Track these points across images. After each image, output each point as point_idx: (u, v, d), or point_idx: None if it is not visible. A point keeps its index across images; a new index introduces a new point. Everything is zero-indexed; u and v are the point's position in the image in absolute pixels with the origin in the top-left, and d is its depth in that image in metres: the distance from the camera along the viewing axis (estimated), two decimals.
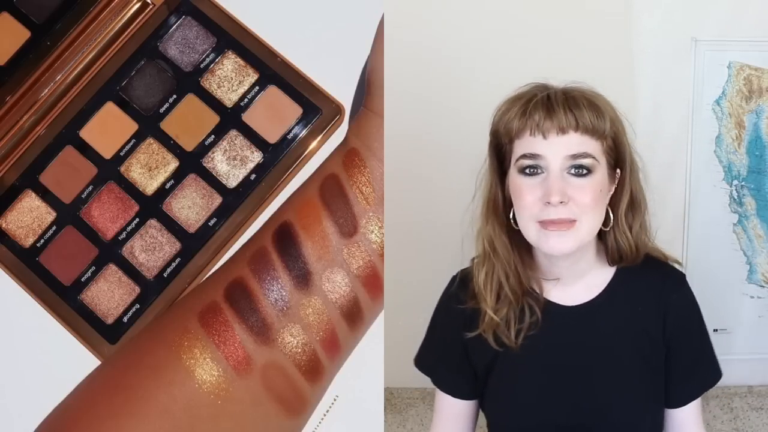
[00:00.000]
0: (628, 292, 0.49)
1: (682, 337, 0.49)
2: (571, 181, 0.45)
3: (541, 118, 0.45)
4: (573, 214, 0.45)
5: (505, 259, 0.48)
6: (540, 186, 0.45)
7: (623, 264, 0.49)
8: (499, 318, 0.48)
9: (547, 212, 0.45)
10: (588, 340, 0.49)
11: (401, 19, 0.58)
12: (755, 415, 0.70)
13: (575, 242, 0.46)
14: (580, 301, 0.49)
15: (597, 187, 0.46)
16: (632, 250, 0.48)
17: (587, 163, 0.45)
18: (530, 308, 0.48)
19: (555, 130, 0.45)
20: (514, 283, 0.48)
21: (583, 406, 0.48)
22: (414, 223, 0.66)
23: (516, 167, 0.46)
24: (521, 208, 0.46)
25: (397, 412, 0.71)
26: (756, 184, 0.67)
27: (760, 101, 0.66)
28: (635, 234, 0.48)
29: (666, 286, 0.49)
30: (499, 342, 0.48)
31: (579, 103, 0.46)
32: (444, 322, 0.52)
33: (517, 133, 0.46)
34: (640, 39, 0.64)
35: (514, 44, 0.64)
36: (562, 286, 0.49)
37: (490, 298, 0.48)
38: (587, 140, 0.45)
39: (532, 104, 0.46)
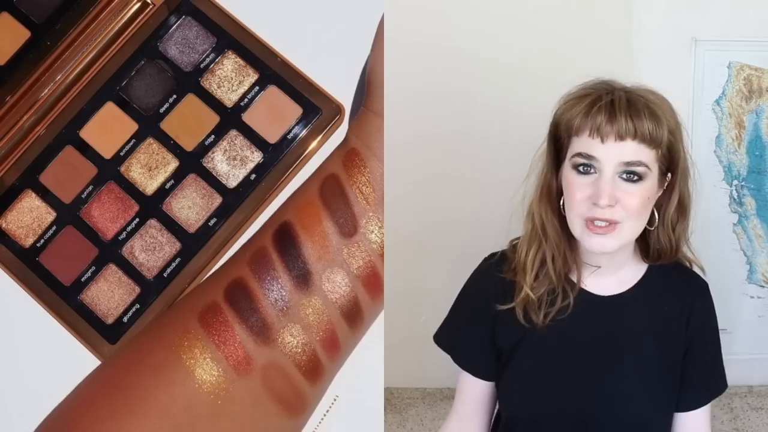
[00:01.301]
0: (658, 290, 0.50)
1: (700, 343, 0.51)
2: (621, 185, 0.46)
3: (602, 122, 0.46)
4: (618, 216, 0.46)
5: (555, 243, 0.49)
6: (591, 186, 0.47)
7: (660, 262, 0.50)
8: (535, 296, 0.49)
9: (593, 211, 0.46)
10: (615, 330, 0.50)
11: (401, 19, 0.58)
12: (755, 415, 0.70)
13: (617, 243, 0.47)
14: (611, 293, 0.50)
15: (646, 194, 0.47)
16: (672, 250, 0.50)
17: (640, 170, 0.46)
18: (564, 293, 0.49)
19: (613, 136, 0.46)
20: (559, 265, 0.49)
21: (601, 396, 0.49)
22: (414, 223, 0.66)
23: (570, 163, 0.47)
24: (570, 203, 0.48)
25: (397, 412, 0.71)
26: (756, 184, 0.67)
27: (760, 101, 0.66)
28: (678, 236, 0.50)
29: (691, 291, 0.51)
30: (527, 319, 0.49)
31: (640, 112, 0.46)
32: (477, 291, 0.52)
33: (577, 130, 0.47)
34: (640, 39, 0.64)
35: (515, 44, 0.64)
36: (597, 276, 0.50)
37: (531, 275, 0.49)
38: (643, 149, 0.46)
39: (596, 107, 0.46)
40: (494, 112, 0.65)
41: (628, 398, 0.49)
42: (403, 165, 0.56)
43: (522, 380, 0.51)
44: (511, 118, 0.64)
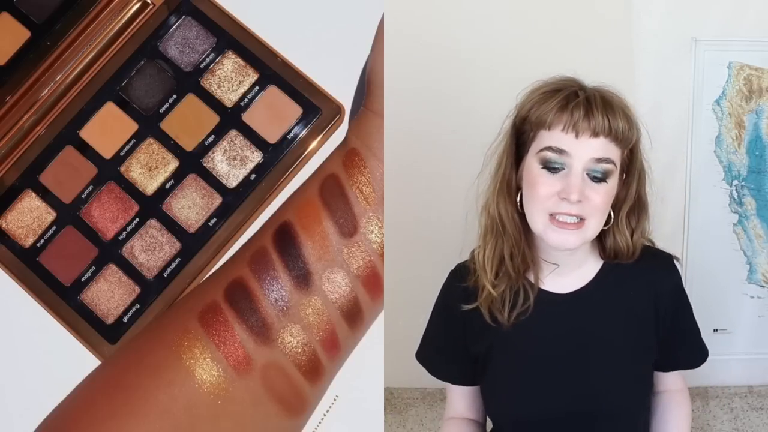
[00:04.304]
0: (618, 278, 0.50)
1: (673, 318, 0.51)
2: (588, 183, 0.46)
3: (579, 118, 0.46)
4: (584, 212, 0.46)
5: (514, 238, 0.49)
6: (559, 181, 0.46)
7: (617, 261, 0.50)
8: (496, 293, 0.49)
9: (560, 206, 0.46)
10: (579, 327, 0.50)
11: (401, 19, 0.58)
12: (755, 415, 0.70)
13: (580, 240, 0.47)
14: (570, 289, 0.50)
15: (610, 191, 0.47)
16: (629, 251, 0.50)
17: (608, 168, 0.47)
18: (525, 293, 0.49)
19: (589, 132, 0.46)
20: (518, 262, 0.49)
21: (580, 393, 0.49)
22: (414, 223, 0.66)
23: (537, 158, 0.47)
24: (533, 198, 0.47)
25: (397, 412, 0.71)
26: (756, 184, 0.67)
27: (760, 101, 0.66)
28: (635, 238, 0.50)
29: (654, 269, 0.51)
30: (492, 317, 0.49)
31: (615, 111, 0.47)
32: (444, 303, 0.52)
33: (548, 125, 0.47)
34: (640, 39, 0.64)
35: (515, 44, 0.64)
36: (556, 275, 0.50)
37: (491, 272, 0.49)
38: (613, 147, 0.47)
39: (574, 103, 0.46)
40: (494, 112, 0.65)
41: (602, 393, 0.49)
42: (403, 165, 0.56)
43: (496, 387, 0.51)
44: None
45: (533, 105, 0.48)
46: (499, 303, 0.49)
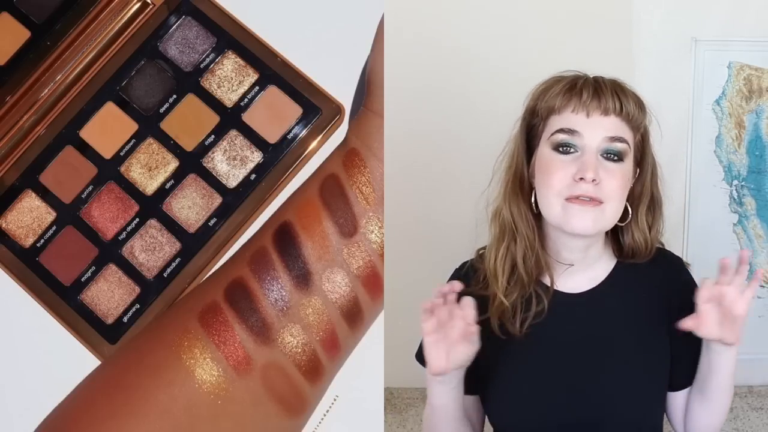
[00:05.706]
0: (630, 280, 0.50)
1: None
2: (602, 163, 0.46)
3: (588, 97, 0.46)
4: (601, 195, 0.45)
5: (528, 239, 0.48)
6: (572, 163, 0.46)
7: (635, 260, 0.50)
8: (508, 302, 0.48)
9: (577, 188, 0.45)
10: (593, 329, 0.49)
11: (401, 19, 0.58)
12: (755, 415, 0.70)
13: (598, 223, 0.46)
14: (583, 290, 0.49)
15: (626, 175, 0.46)
16: (647, 248, 0.49)
17: (622, 148, 0.46)
18: (537, 296, 0.48)
19: (599, 111, 0.46)
20: (530, 264, 0.48)
21: (589, 398, 0.48)
22: (414, 223, 0.67)
23: (549, 143, 0.47)
24: (548, 185, 0.46)
25: (397, 412, 0.71)
26: (756, 184, 0.67)
27: (760, 101, 0.66)
28: (653, 234, 0.49)
29: (665, 271, 0.50)
30: (503, 330, 0.48)
31: (626, 92, 0.47)
32: None
33: (558, 109, 0.47)
34: (640, 39, 0.65)
35: (514, 45, 0.64)
36: (568, 275, 0.49)
37: (503, 279, 0.48)
38: (625, 127, 0.46)
39: (581, 83, 0.46)
40: (494, 113, 0.65)
41: (613, 401, 0.48)
42: (403, 165, 0.57)
43: (506, 394, 0.49)
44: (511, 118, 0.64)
45: (540, 94, 0.48)
46: (509, 313, 0.48)
